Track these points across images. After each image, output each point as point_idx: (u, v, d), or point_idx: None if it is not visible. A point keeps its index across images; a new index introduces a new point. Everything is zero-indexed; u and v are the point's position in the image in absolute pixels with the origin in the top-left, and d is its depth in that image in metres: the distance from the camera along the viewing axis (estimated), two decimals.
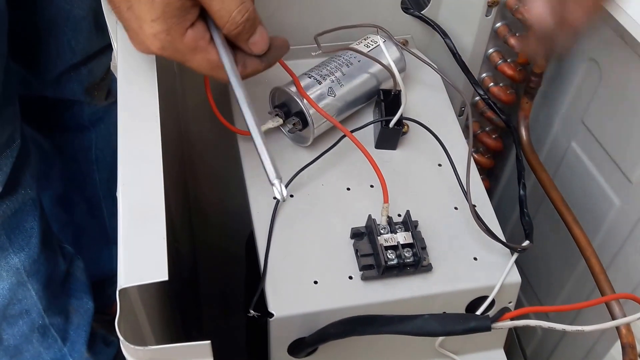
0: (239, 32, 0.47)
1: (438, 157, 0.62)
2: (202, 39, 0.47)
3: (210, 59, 0.48)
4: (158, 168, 0.46)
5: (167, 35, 0.45)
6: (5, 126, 0.71)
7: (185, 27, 0.46)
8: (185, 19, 0.45)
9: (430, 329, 0.47)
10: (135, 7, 0.44)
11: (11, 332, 0.83)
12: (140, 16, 0.44)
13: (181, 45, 0.46)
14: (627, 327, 0.58)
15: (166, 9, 0.44)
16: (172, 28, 0.45)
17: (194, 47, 0.47)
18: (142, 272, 0.40)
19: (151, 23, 0.44)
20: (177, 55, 0.47)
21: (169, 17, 0.44)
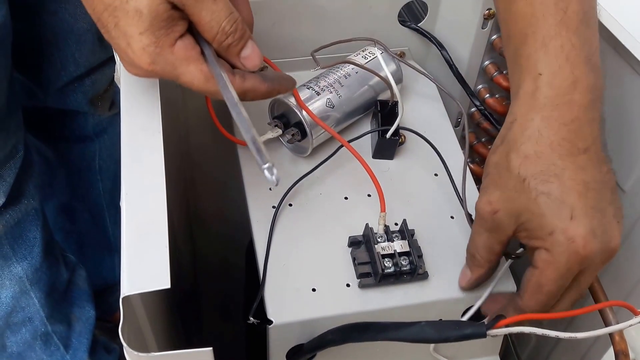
0: (229, 43, 0.47)
1: (434, 167, 0.63)
2: (192, 49, 0.46)
3: (204, 69, 0.47)
4: (160, 178, 0.46)
5: (156, 47, 0.44)
6: (9, 137, 0.72)
7: (174, 38, 0.45)
8: (173, 30, 0.45)
9: (426, 335, 0.47)
10: (122, 22, 0.44)
11: (14, 339, 0.84)
12: (128, 32, 0.44)
13: (171, 56, 0.45)
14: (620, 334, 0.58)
15: (154, 21, 0.43)
16: (161, 39, 0.44)
17: (185, 57, 0.46)
18: (145, 280, 0.41)
19: (139, 37, 0.44)
20: (169, 68, 0.46)
21: (156, 29, 0.44)
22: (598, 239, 0.46)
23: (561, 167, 0.47)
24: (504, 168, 0.49)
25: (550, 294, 0.49)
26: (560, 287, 0.49)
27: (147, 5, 0.43)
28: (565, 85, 0.48)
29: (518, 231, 0.49)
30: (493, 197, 0.49)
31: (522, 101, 0.50)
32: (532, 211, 0.47)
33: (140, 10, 0.43)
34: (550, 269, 0.47)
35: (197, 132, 0.77)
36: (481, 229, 0.51)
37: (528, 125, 0.48)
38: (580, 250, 0.46)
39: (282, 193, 0.59)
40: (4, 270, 0.78)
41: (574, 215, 0.46)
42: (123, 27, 0.44)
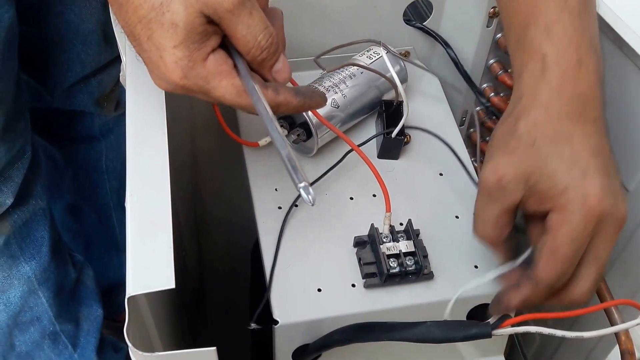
0: (264, 57, 0.46)
1: (440, 166, 0.63)
2: (225, 63, 0.45)
3: (236, 83, 0.46)
4: (165, 178, 0.47)
5: (189, 61, 0.44)
6: (16, 138, 0.73)
7: (207, 52, 0.44)
8: (207, 45, 0.44)
9: (432, 335, 0.47)
10: (155, 35, 0.43)
11: (23, 338, 0.85)
12: (161, 44, 0.43)
13: (203, 70, 0.44)
14: (626, 333, 0.58)
15: (189, 34, 0.43)
16: (194, 53, 0.43)
17: (218, 72, 0.45)
18: (150, 281, 0.41)
19: (172, 50, 0.43)
20: (201, 83, 0.45)
21: (190, 43, 0.43)
22: (611, 198, 0.46)
23: (571, 132, 0.47)
24: (511, 135, 0.48)
25: (566, 259, 0.46)
26: (576, 252, 0.47)
27: (184, 18, 0.42)
28: (570, 65, 0.48)
29: (527, 197, 0.48)
30: (499, 163, 0.48)
31: (529, 79, 0.49)
32: (542, 172, 0.46)
33: (176, 23, 0.42)
34: (564, 229, 0.46)
35: (203, 132, 0.77)
36: (486, 200, 0.49)
37: (537, 97, 0.48)
38: (595, 206, 0.45)
39: (287, 194, 0.60)
40: (12, 270, 0.79)
41: (586, 173, 0.46)
42: (156, 40, 0.43)
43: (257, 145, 0.63)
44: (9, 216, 0.75)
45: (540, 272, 0.47)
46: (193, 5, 0.42)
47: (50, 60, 0.84)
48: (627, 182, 0.62)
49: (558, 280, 0.47)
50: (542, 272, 0.47)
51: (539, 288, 0.48)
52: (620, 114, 0.62)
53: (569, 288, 0.49)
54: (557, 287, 0.48)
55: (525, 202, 0.48)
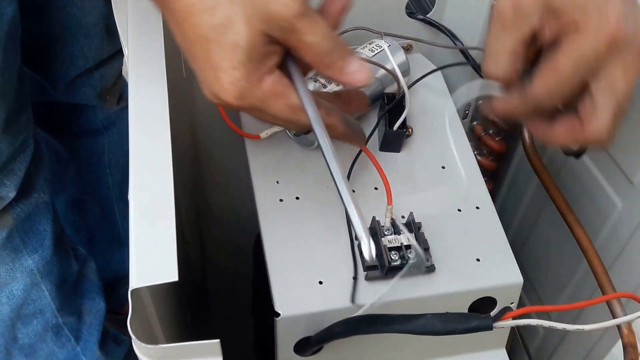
0: (332, 61, 0.45)
1: (441, 159, 0.63)
2: (280, 84, 0.44)
3: (290, 102, 0.45)
4: (168, 171, 0.47)
5: (245, 82, 0.43)
6: (19, 132, 0.73)
7: (264, 72, 0.43)
8: (265, 65, 0.43)
9: (433, 328, 0.47)
10: (214, 55, 0.42)
11: (26, 331, 0.85)
12: (219, 64, 0.42)
13: (260, 92, 0.44)
14: (629, 327, 0.58)
15: (249, 55, 0.42)
16: (252, 74, 0.43)
17: (274, 93, 0.44)
18: (153, 273, 0.41)
19: (231, 71, 0.42)
20: (255, 103, 0.44)
21: (249, 63, 0.42)
22: (632, 24, 0.44)
23: None
24: None
25: (563, 75, 0.45)
26: (578, 71, 0.45)
27: (246, 39, 0.41)
28: None
29: (544, 22, 0.46)
30: None
31: None
32: None
33: (237, 44, 0.41)
34: (572, 45, 0.44)
35: (205, 125, 0.77)
36: (501, 31, 0.47)
37: None
38: (612, 28, 0.43)
39: (289, 186, 0.60)
40: (15, 263, 0.79)
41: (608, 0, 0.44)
42: (215, 60, 0.42)
43: (259, 137, 0.63)
44: (12, 209, 0.75)
45: (534, 85, 0.46)
46: (256, 25, 0.41)
47: (52, 53, 0.84)
48: (632, 175, 0.62)
49: (549, 96, 0.46)
50: (535, 84, 0.46)
51: (527, 99, 0.47)
52: None
53: (586, 121, 0.47)
54: (547, 105, 0.47)
55: (542, 30, 0.46)
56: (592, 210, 0.68)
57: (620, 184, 0.64)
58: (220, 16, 0.41)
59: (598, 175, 0.67)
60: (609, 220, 0.66)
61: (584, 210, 0.67)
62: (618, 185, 0.64)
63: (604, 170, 0.66)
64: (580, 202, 0.68)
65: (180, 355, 0.42)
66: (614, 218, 0.65)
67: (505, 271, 0.56)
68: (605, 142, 0.48)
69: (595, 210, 0.67)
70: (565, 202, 0.67)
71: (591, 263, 0.62)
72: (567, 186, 0.70)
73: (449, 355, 0.61)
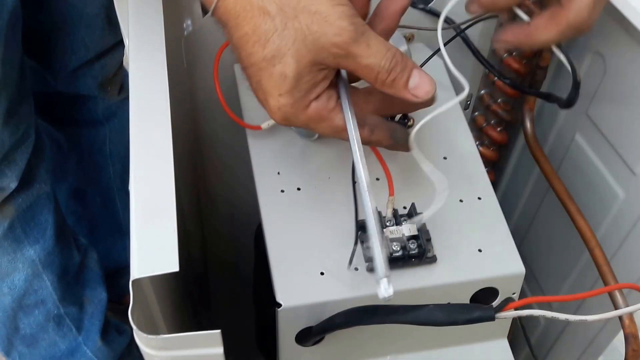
0: (394, 78, 0.45)
1: (443, 150, 0.63)
2: (324, 109, 0.46)
3: (333, 125, 0.47)
4: (169, 161, 0.47)
5: (291, 108, 0.45)
6: (20, 122, 0.73)
7: (310, 99, 0.45)
8: (312, 92, 0.45)
9: (435, 318, 0.47)
10: (264, 81, 0.44)
11: (27, 321, 0.85)
12: (268, 90, 0.44)
13: (304, 117, 0.46)
14: (630, 317, 0.59)
15: (296, 84, 0.44)
16: (298, 102, 0.45)
17: (318, 118, 0.46)
18: (154, 264, 0.41)
19: (277, 97, 0.44)
20: (300, 124, 0.47)
21: (296, 92, 0.44)
22: None
23: None
24: None
25: None
26: None
27: (294, 70, 0.43)
28: None
29: None
30: None
31: None
32: None
33: (286, 74, 0.43)
34: None
35: (206, 116, 0.77)
36: None
37: None
38: None
39: (290, 177, 0.60)
40: (16, 254, 0.79)
41: None
42: (264, 85, 0.44)
43: (260, 128, 0.63)
44: (13, 200, 0.75)
45: None
46: (305, 57, 0.43)
47: (53, 44, 0.84)
48: (634, 165, 0.62)
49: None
50: None
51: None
52: (627, 98, 0.61)
53: (566, 2, 0.49)
54: None
55: None
56: (593, 200, 0.67)
57: (622, 174, 0.64)
58: (271, 48, 0.43)
59: (600, 166, 0.67)
60: (610, 211, 0.66)
61: (585, 200, 0.67)
62: (620, 176, 0.64)
63: (606, 160, 0.66)
64: (582, 193, 0.68)
65: (181, 345, 0.42)
66: (615, 208, 0.65)
67: (507, 261, 0.56)
68: (586, 23, 0.49)
69: (596, 200, 0.67)
70: (567, 192, 0.67)
71: (593, 253, 0.62)
72: (569, 176, 0.69)
73: (450, 345, 0.61)
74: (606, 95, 0.64)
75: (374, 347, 0.59)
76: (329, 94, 0.46)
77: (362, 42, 0.43)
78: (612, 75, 0.63)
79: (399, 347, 0.60)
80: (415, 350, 0.61)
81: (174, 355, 0.43)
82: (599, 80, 0.65)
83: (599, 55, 0.64)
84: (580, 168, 0.69)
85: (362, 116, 0.48)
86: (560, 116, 0.72)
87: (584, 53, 0.66)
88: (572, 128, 0.70)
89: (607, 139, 0.65)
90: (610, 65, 0.63)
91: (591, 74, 0.66)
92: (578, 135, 0.69)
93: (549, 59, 0.69)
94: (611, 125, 0.64)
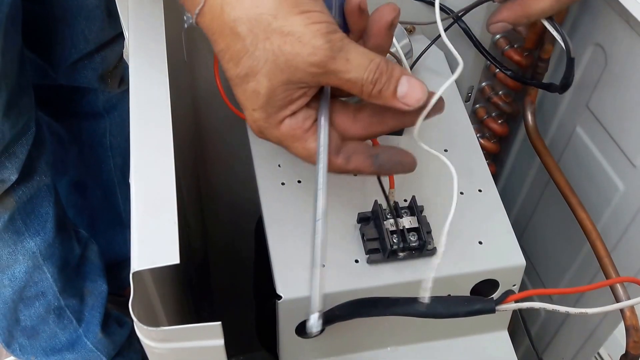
0: (380, 89, 0.44)
1: (444, 142, 0.63)
2: (299, 128, 0.45)
3: (306, 147, 0.46)
4: (169, 154, 0.47)
5: (264, 122, 0.45)
6: (21, 114, 0.73)
7: (284, 115, 0.45)
8: (286, 109, 0.45)
9: (435, 311, 0.48)
10: (239, 95, 0.45)
11: (28, 313, 0.85)
12: (243, 103, 0.45)
13: (277, 133, 0.46)
14: (631, 310, 0.59)
15: (269, 101, 0.44)
16: (271, 117, 0.45)
17: (290, 136, 0.46)
18: (154, 256, 0.41)
19: (252, 111, 0.45)
20: (274, 140, 0.47)
21: (269, 108, 0.44)
22: None
23: None
24: None
25: None
26: None
27: (267, 88, 0.43)
28: None
29: None
30: None
31: None
32: None
33: (258, 91, 0.43)
34: None
35: (207, 109, 0.77)
36: None
37: None
38: None
39: (291, 170, 0.60)
40: (17, 246, 0.79)
41: None
42: (240, 98, 0.45)
43: None
44: (14, 192, 0.75)
45: None
46: (278, 77, 0.42)
47: (54, 36, 0.83)
48: (634, 158, 0.61)
49: None
50: None
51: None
52: (628, 90, 0.61)
53: None
54: None
55: None
56: (594, 193, 0.67)
57: (622, 166, 0.63)
58: (243, 67, 0.43)
59: (600, 158, 0.67)
60: (610, 203, 0.66)
61: (585, 193, 0.67)
62: (620, 168, 0.64)
63: (607, 153, 0.66)
64: (582, 185, 0.68)
65: (181, 337, 0.42)
66: (615, 201, 0.65)
67: (508, 254, 0.56)
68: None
69: (597, 193, 0.67)
70: (568, 184, 0.67)
71: (594, 246, 0.62)
72: (569, 169, 0.69)
73: (450, 337, 0.61)
74: (607, 88, 0.64)
75: (374, 339, 0.59)
76: (307, 114, 0.46)
77: (340, 58, 0.42)
78: (612, 67, 0.63)
79: (400, 339, 0.60)
80: (415, 342, 0.61)
81: (175, 347, 0.43)
82: (599, 72, 0.64)
83: (599, 47, 0.64)
84: (581, 160, 0.69)
85: (343, 140, 0.47)
86: (560, 108, 0.72)
87: (585, 45, 0.66)
88: (572, 120, 0.70)
89: (607, 131, 0.65)
90: (610, 57, 0.63)
91: (592, 65, 0.66)
92: (578, 127, 0.69)
93: (551, 51, 0.69)
94: (612, 117, 0.64)
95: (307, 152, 0.46)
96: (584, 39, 0.66)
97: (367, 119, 0.48)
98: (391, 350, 0.61)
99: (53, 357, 0.93)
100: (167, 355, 0.44)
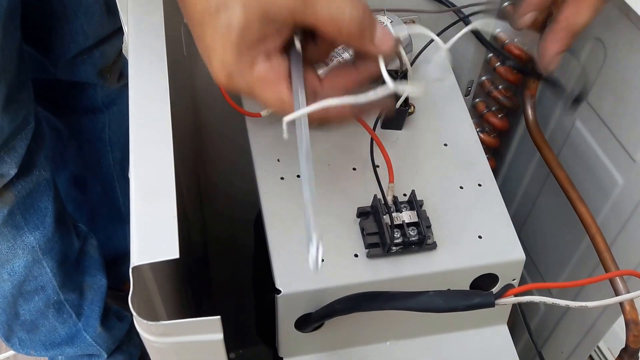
0: (362, 31, 0.41)
1: (443, 137, 0.63)
2: (274, 72, 0.42)
3: (280, 96, 0.43)
4: (168, 149, 0.47)
5: (235, 64, 0.41)
6: (20, 109, 0.73)
7: (258, 52, 0.41)
8: (261, 47, 0.41)
9: (435, 305, 0.48)
10: (207, 37, 0.41)
11: (27, 307, 0.86)
12: (211, 45, 0.41)
13: (249, 76, 0.42)
14: (631, 303, 0.59)
15: (243, 35, 0.40)
16: (243, 56, 0.41)
17: (264, 80, 0.42)
18: (154, 251, 0.41)
19: (222, 52, 0.41)
20: (244, 87, 0.43)
21: (242, 45, 0.40)
22: None
23: None
24: None
25: None
26: None
27: (240, 18, 0.39)
28: None
29: None
30: None
31: None
32: None
33: (231, 24, 0.40)
34: None
35: (206, 103, 0.77)
36: None
37: None
38: None
39: (290, 164, 0.60)
40: (16, 240, 0.79)
41: None
42: (207, 41, 0.41)
43: (260, 115, 0.62)
44: (13, 187, 0.75)
45: None
46: (253, 6, 0.39)
47: (53, 31, 0.83)
48: (633, 152, 0.61)
49: None
50: None
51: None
52: (627, 84, 0.61)
53: None
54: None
55: None
56: (593, 187, 0.67)
57: (622, 161, 0.63)
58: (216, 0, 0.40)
59: (600, 152, 0.67)
60: (610, 197, 0.66)
61: (585, 187, 0.67)
62: (619, 162, 0.64)
63: (606, 147, 0.66)
64: (581, 179, 0.68)
65: (181, 331, 0.42)
66: (615, 195, 0.65)
67: (507, 248, 0.56)
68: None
69: (596, 187, 0.67)
70: (567, 178, 0.67)
71: (594, 240, 0.62)
72: (569, 163, 0.69)
73: (450, 331, 0.61)
74: (606, 82, 0.64)
75: (373, 333, 0.59)
76: (281, 61, 0.43)
77: None
78: (612, 61, 0.63)
79: (399, 333, 0.60)
80: (415, 336, 0.61)
81: (174, 341, 0.43)
82: (599, 66, 0.64)
83: (599, 42, 0.64)
84: (580, 155, 0.69)
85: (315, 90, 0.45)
86: (560, 103, 0.72)
87: (584, 39, 0.66)
88: (572, 115, 0.70)
89: (607, 126, 0.65)
90: (610, 51, 0.63)
91: (591, 60, 0.65)
92: (578, 121, 0.69)
93: None
94: (611, 112, 0.64)
95: (279, 99, 0.43)
96: (583, 33, 0.65)
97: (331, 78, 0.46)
98: (390, 344, 0.61)
99: (52, 352, 0.93)
100: (166, 350, 0.44)
